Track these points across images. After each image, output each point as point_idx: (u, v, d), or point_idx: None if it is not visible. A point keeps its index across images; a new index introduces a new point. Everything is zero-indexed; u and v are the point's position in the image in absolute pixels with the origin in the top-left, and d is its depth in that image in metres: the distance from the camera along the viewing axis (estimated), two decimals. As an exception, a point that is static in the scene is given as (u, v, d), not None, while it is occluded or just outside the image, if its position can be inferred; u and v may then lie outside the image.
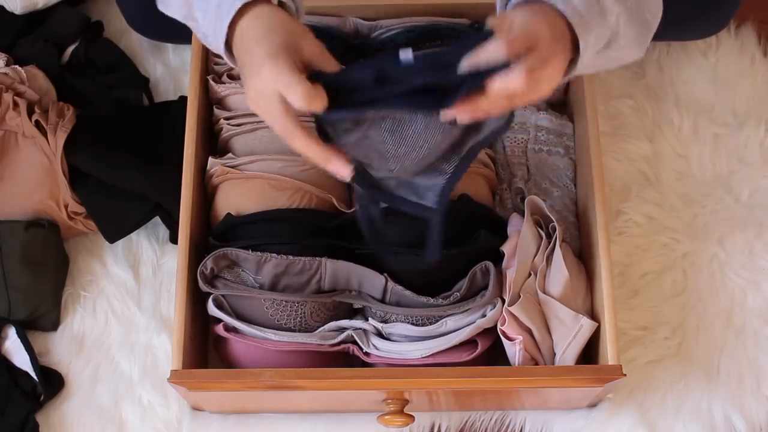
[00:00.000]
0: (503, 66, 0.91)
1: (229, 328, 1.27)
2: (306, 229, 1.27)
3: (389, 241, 1.25)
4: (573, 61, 1.01)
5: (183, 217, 1.27)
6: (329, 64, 0.98)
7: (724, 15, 1.47)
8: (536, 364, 1.25)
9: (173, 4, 1.11)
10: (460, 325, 1.24)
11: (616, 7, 1.03)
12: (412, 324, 1.25)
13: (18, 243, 1.39)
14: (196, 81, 1.33)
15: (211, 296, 1.27)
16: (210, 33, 1.04)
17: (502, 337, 1.25)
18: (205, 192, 1.34)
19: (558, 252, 1.25)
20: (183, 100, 1.48)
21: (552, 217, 1.28)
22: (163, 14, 1.41)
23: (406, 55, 0.92)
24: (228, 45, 1.02)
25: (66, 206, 1.42)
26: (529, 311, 1.24)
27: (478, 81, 0.92)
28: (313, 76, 0.94)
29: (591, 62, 1.04)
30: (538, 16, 0.97)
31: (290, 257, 1.24)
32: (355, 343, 1.27)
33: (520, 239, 1.26)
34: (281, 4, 1.03)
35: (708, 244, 1.47)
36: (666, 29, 1.23)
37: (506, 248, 1.27)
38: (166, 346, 1.41)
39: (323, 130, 1.01)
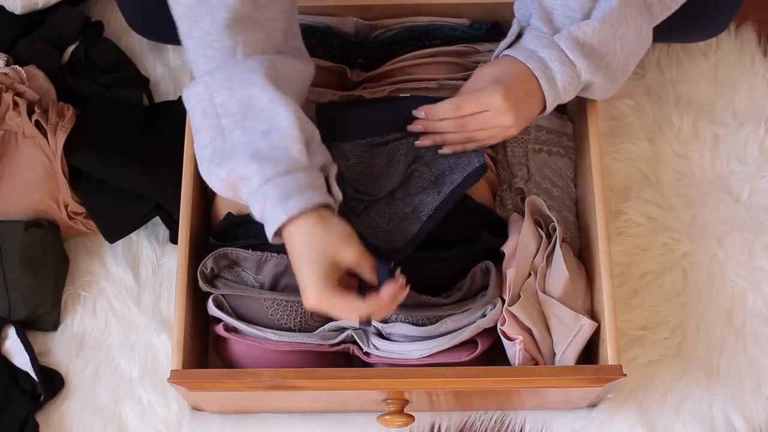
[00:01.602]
0: None
1: (229, 328, 1.27)
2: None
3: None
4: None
5: (183, 217, 1.27)
6: (366, 269, 1.12)
7: (724, 17, 1.47)
8: (536, 364, 1.25)
9: (213, 181, 1.13)
10: (460, 325, 1.24)
11: (596, 79, 1.20)
12: (412, 324, 1.25)
13: (18, 243, 1.39)
14: (196, 81, 1.33)
15: (211, 296, 1.27)
16: (259, 218, 1.12)
17: (502, 337, 1.25)
18: (205, 192, 1.34)
19: (558, 252, 1.25)
20: (183, 100, 1.48)
21: (552, 217, 1.28)
22: (163, 15, 1.41)
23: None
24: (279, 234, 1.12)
25: (66, 206, 1.42)
26: (529, 311, 1.24)
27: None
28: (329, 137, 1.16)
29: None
30: (507, 79, 1.17)
31: (290, 257, 1.24)
32: (355, 343, 1.27)
33: (520, 239, 1.26)
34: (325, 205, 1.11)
35: (708, 244, 1.47)
36: (666, 31, 1.23)
37: (506, 248, 1.27)
38: (166, 346, 1.41)
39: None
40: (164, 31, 1.51)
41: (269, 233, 1.11)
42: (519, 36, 1.22)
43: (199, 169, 1.14)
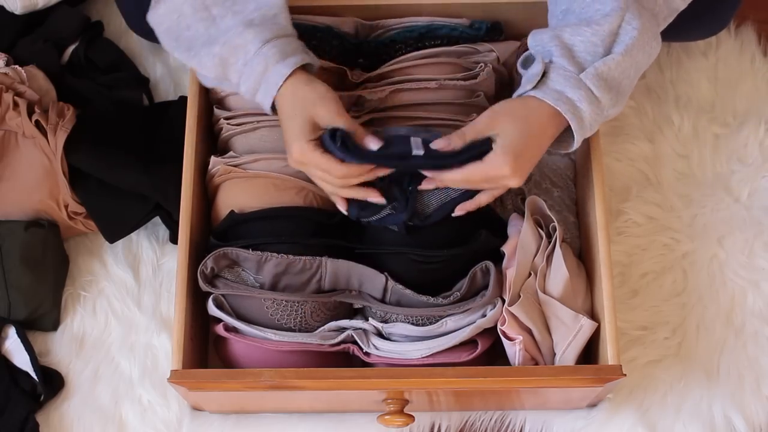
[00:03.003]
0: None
1: (229, 328, 1.27)
2: (307, 228, 1.27)
3: (388, 240, 1.26)
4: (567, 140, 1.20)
5: (183, 217, 1.27)
6: (342, 120, 1.16)
7: (724, 15, 1.47)
8: (536, 364, 1.25)
9: (205, 63, 1.20)
10: (460, 325, 1.24)
11: (616, 109, 1.20)
12: (412, 324, 1.25)
13: (18, 243, 1.39)
14: (196, 81, 1.33)
15: (211, 296, 1.27)
16: (249, 93, 1.20)
17: (502, 337, 1.25)
18: (205, 192, 1.34)
19: (558, 252, 1.25)
20: (183, 100, 1.48)
21: (552, 217, 1.28)
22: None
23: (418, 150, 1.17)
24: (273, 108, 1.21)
25: (66, 206, 1.42)
26: (529, 311, 1.24)
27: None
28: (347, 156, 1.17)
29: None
30: (521, 109, 1.17)
31: (290, 257, 1.24)
32: (355, 343, 1.27)
33: (521, 239, 1.26)
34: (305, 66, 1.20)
35: (708, 244, 1.47)
36: (667, 30, 1.23)
37: (506, 248, 1.27)
38: (166, 346, 1.41)
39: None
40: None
41: (269, 94, 1.18)
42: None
43: (187, 59, 1.22)
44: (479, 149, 1.15)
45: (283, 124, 1.19)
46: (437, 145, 1.16)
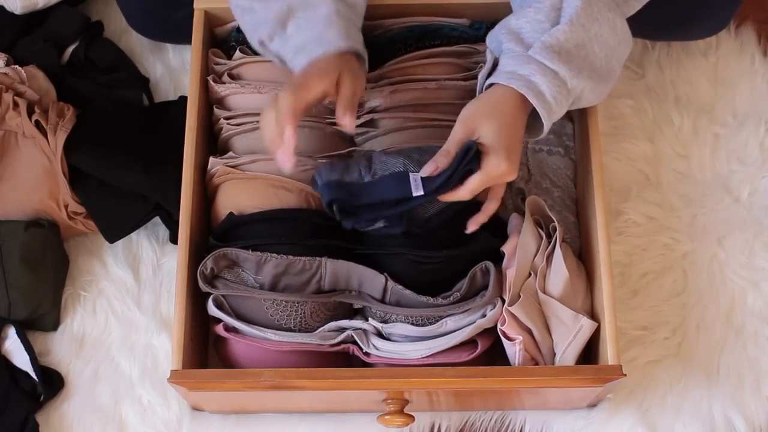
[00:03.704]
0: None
1: (229, 328, 1.27)
2: (307, 229, 1.27)
3: (388, 241, 1.26)
4: (536, 125, 1.19)
5: (183, 217, 1.27)
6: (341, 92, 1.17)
7: (724, 14, 1.47)
8: (536, 364, 1.25)
9: (272, 5, 1.21)
10: (460, 325, 1.24)
11: (583, 83, 1.16)
12: (412, 324, 1.25)
13: (18, 243, 1.39)
14: (196, 81, 1.33)
15: (211, 296, 1.27)
16: (293, 49, 1.20)
17: (502, 337, 1.25)
18: (205, 192, 1.34)
19: (558, 252, 1.25)
20: (183, 100, 1.48)
21: (552, 217, 1.28)
22: (163, 14, 1.41)
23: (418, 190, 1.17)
24: None
25: (66, 206, 1.42)
26: (529, 311, 1.24)
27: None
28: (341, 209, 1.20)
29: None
30: (486, 102, 1.16)
31: (290, 257, 1.24)
32: (355, 343, 1.27)
33: (521, 239, 1.26)
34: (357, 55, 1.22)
35: (708, 244, 1.47)
36: (666, 29, 1.23)
37: (506, 248, 1.27)
38: (166, 346, 1.41)
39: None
40: (164, 30, 1.52)
41: (313, 53, 1.18)
42: (495, 65, 1.21)
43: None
44: (469, 156, 1.15)
45: (314, 66, 1.18)
46: (426, 171, 1.16)
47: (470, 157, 1.15)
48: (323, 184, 1.20)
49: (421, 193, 1.16)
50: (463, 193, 1.16)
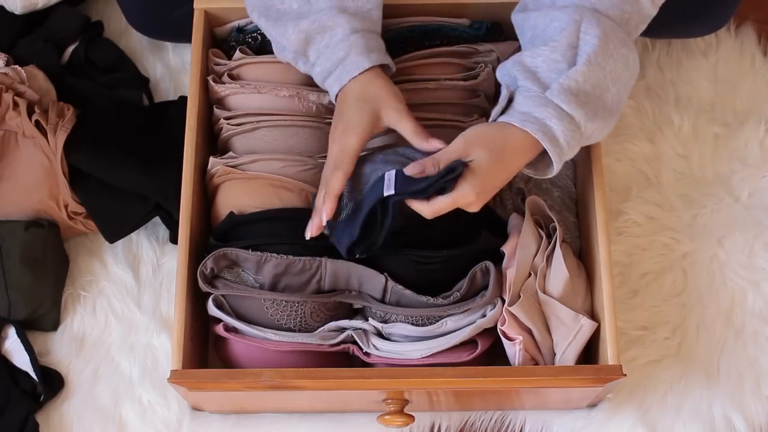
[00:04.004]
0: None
1: (229, 328, 1.27)
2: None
3: (388, 242, 1.26)
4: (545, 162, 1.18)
5: (183, 217, 1.27)
6: (405, 130, 1.19)
7: (724, 12, 1.47)
8: (536, 364, 1.25)
9: (290, 35, 1.23)
10: (460, 325, 1.24)
11: (596, 125, 1.16)
12: (412, 324, 1.25)
13: (18, 243, 1.39)
14: (196, 81, 1.33)
15: (211, 296, 1.27)
16: (321, 75, 1.22)
17: (502, 337, 1.25)
18: (205, 192, 1.34)
19: (558, 252, 1.25)
20: (183, 100, 1.48)
21: (552, 217, 1.28)
22: (162, 12, 1.41)
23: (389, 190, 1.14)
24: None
25: (66, 206, 1.42)
26: (529, 311, 1.24)
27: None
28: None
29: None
30: (494, 134, 1.15)
31: (290, 257, 1.24)
32: (355, 343, 1.27)
33: (520, 239, 1.26)
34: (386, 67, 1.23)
35: (708, 244, 1.47)
36: (666, 27, 1.23)
37: (506, 248, 1.27)
38: (166, 346, 1.41)
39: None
40: (164, 28, 1.52)
41: (341, 81, 1.20)
42: (510, 100, 1.19)
43: (270, 27, 1.24)
44: (450, 176, 1.13)
45: (343, 115, 1.20)
46: (412, 170, 1.14)
47: (450, 178, 1.13)
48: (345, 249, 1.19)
49: (392, 192, 1.14)
50: (428, 210, 1.14)
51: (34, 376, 1.37)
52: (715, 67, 1.58)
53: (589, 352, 1.28)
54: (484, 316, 1.24)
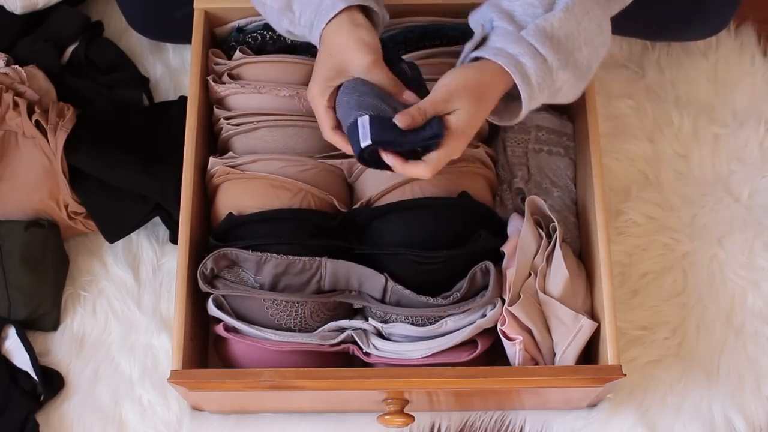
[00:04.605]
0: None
1: (229, 328, 1.27)
2: (307, 229, 1.27)
3: (388, 241, 1.26)
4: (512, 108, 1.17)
5: (183, 217, 1.27)
6: (376, 73, 1.13)
7: (723, 16, 1.47)
8: (536, 364, 1.25)
9: (274, 10, 1.19)
10: (460, 325, 1.24)
11: (566, 76, 1.14)
12: (412, 324, 1.25)
13: (18, 243, 1.39)
14: (196, 81, 1.33)
15: (211, 296, 1.27)
16: (306, 27, 1.17)
17: (502, 337, 1.25)
18: (205, 192, 1.34)
19: (558, 252, 1.25)
20: (183, 100, 1.48)
21: (552, 217, 1.28)
22: (162, 13, 1.41)
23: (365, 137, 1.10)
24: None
25: (66, 206, 1.42)
26: (529, 311, 1.24)
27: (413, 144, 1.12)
28: None
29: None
30: (474, 78, 1.13)
31: (290, 257, 1.24)
32: (355, 343, 1.27)
33: (520, 239, 1.26)
34: (368, 10, 1.17)
35: (708, 244, 1.47)
36: (666, 30, 1.23)
37: (506, 248, 1.27)
38: (166, 346, 1.41)
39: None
40: (164, 29, 1.52)
41: (319, 27, 1.15)
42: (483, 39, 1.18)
43: None
44: (434, 139, 1.11)
45: (316, 62, 1.17)
46: (403, 123, 1.10)
47: (434, 141, 1.11)
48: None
49: (369, 142, 1.10)
50: (424, 171, 1.12)
51: (34, 376, 1.37)
52: (714, 67, 1.58)
53: (589, 352, 1.28)
54: (484, 316, 1.24)
